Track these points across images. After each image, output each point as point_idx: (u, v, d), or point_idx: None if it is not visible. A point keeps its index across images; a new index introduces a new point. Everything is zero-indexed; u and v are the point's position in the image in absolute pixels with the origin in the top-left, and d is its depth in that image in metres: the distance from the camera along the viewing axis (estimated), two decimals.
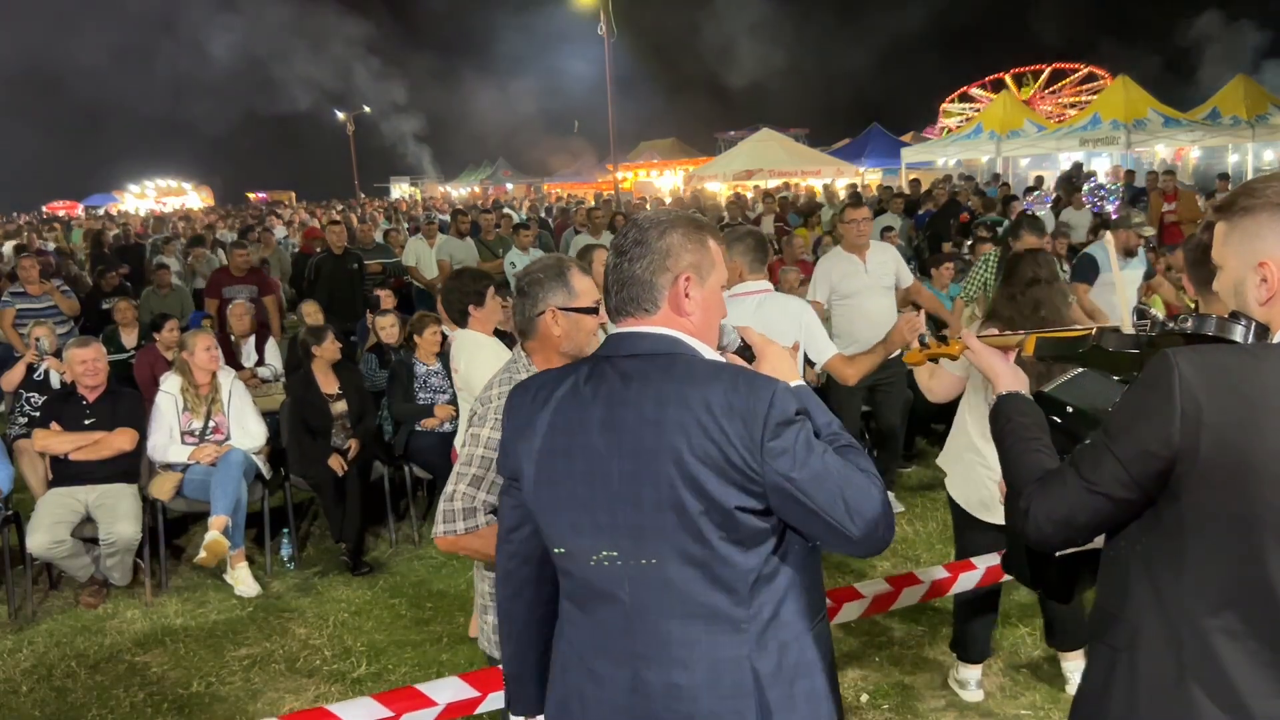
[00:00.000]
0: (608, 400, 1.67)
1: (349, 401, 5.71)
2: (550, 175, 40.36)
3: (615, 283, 1.75)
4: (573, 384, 1.73)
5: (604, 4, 25.67)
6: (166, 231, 16.94)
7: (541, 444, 1.73)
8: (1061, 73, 31.88)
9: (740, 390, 1.59)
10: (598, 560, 1.69)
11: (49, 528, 4.77)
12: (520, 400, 1.81)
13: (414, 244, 10.29)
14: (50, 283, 8.21)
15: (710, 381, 1.61)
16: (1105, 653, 1.69)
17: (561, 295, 2.40)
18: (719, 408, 1.58)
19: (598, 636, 1.72)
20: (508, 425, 1.82)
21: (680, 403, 1.60)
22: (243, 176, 57.64)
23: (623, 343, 1.73)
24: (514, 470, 1.80)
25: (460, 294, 4.13)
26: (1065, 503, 1.64)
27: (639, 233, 1.75)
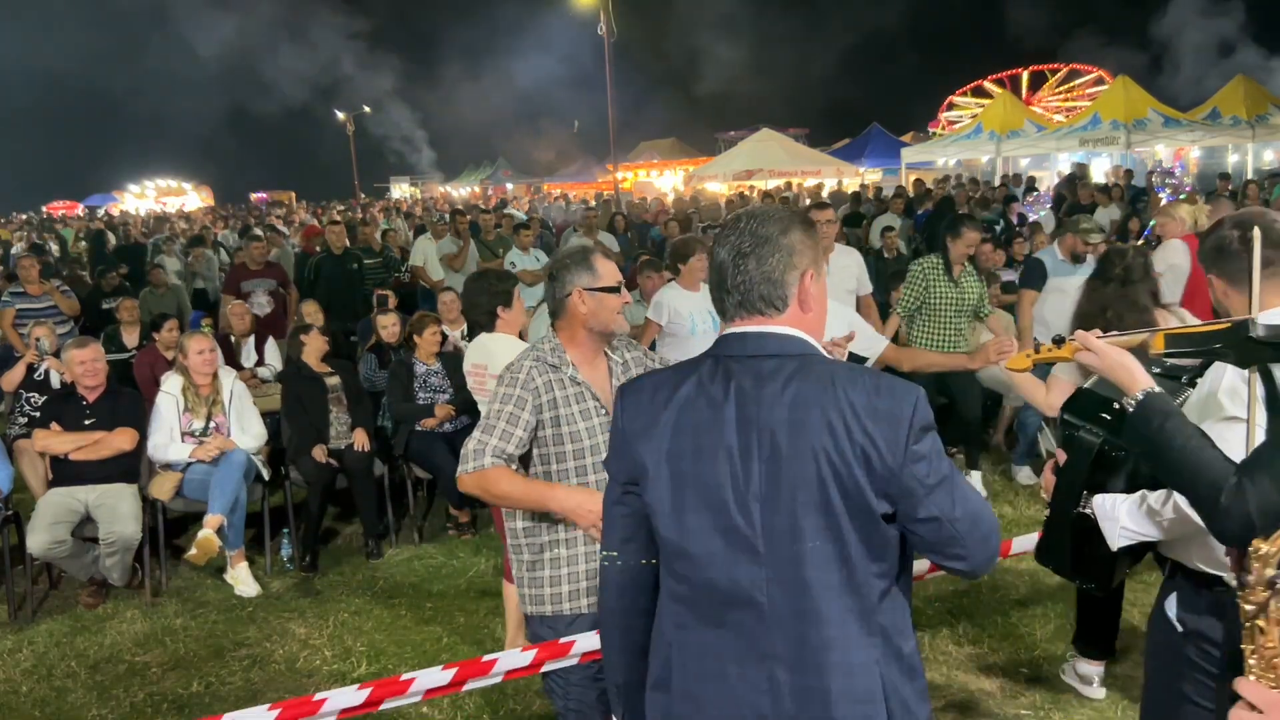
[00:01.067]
0: (740, 400, 1.64)
1: (344, 381, 5.83)
2: (550, 175, 40.34)
3: (738, 282, 1.70)
4: (697, 383, 1.70)
5: (604, 4, 25.67)
6: (165, 232, 16.92)
7: (670, 445, 1.69)
8: (1041, 75, 31.93)
9: (884, 394, 1.59)
10: (732, 563, 1.65)
11: (49, 528, 4.77)
12: (637, 399, 1.76)
13: (421, 243, 10.20)
14: (50, 283, 8.20)
15: (852, 384, 1.60)
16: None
17: (586, 277, 2.65)
18: (863, 410, 1.57)
19: (725, 641, 1.68)
20: (626, 426, 1.77)
21: (822, 404, 1.59)
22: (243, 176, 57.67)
23: (748, 343, 1.69)
24: (634, 472, 1.75)
25: (490, 295, 4.01)
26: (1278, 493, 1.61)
27: (760, 228, 1.71)
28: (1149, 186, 16.38)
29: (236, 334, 7.21)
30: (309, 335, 5.94)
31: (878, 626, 1.63)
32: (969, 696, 3.78)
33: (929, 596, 4.56)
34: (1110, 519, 2.17)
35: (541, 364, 2.60)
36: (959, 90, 33.33)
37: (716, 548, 1.65)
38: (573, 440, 2.58)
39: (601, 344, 2.70)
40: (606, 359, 2.75)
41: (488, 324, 4.03)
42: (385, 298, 7.93)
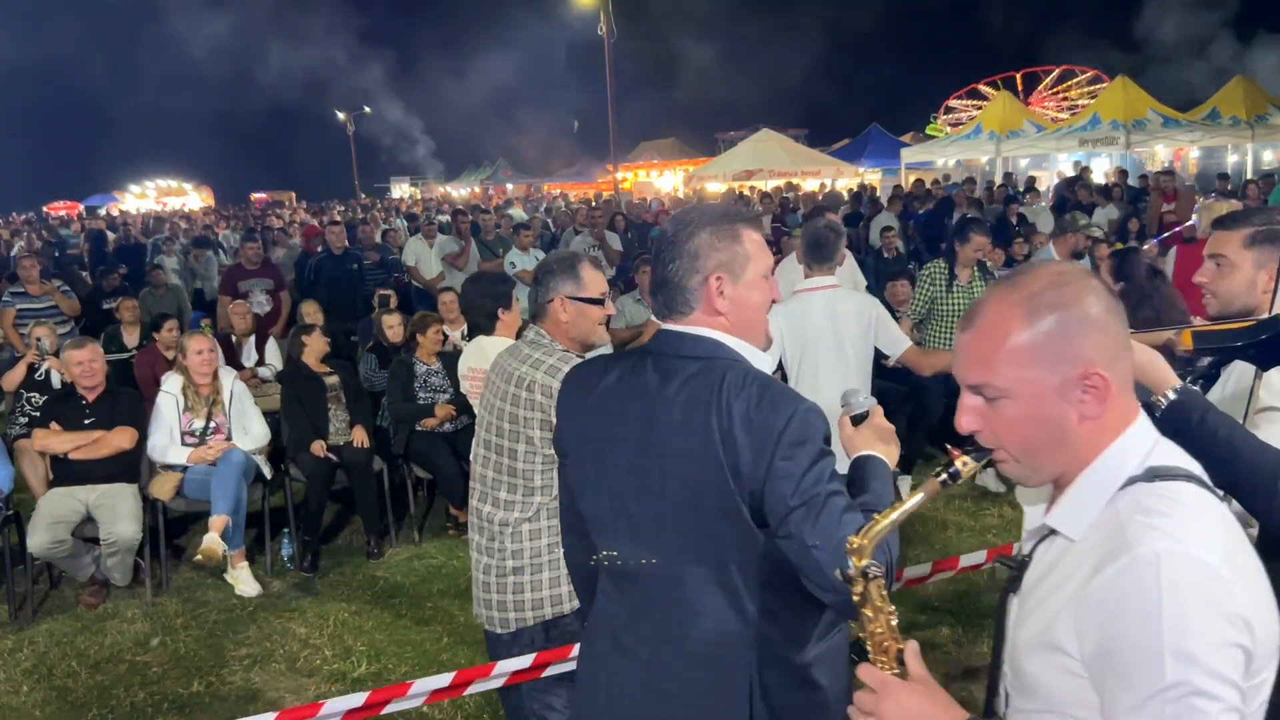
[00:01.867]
0: (645, 395, 1.72)
1: (343, 381, 5.86)
2: (550, 175, 40.34)
3: (654, 285, 1.79)
4: (619, 374, 1.79)
5: (604, 4, 25.67)
6: (165, 232, 16.92)
7: (584, 428, 1.81)
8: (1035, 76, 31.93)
9: (763, 405, 1.61)
10: (624, 544, 1.76)
11: (49, 528, 4.77)
12: (571, 384, 1.90)
13: (414, 244, 10.29)
14: (50, 283, 8.21)
15: (737, 392, 1.63)
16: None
17: (570, 285, 2.63)
18: (739, 419, 1.61)
19: (625, 611, 1.79)
20: (560, 405, 1.91)
21: (707, 409, 1.63)
22: (243, 177, 57.66)
23: (667, 341, 1.77)
24: (562, 448, 1.91)
25: (492, 296, 3.96)
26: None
27: (670, 234, 1.78)
28: (1149, 187, 16.37)
29: (238, 333, 7.22)
30: (310, 336, 5.95)
31: (755, 632, 1.66)
32: (969, 696, 3.78)
33: (929, 596, 4.56)
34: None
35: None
36: (954, 94, 33.32)
37: (619, 528, 1.76)
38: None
39: (581, 350, 2.68)
40: None
41: (487, 326, 3.98)
42: (387, 298, 7.94)
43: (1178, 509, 1.15)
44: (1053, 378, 1.21)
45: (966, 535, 5.40)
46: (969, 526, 5.52)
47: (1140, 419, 1.27)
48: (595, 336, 2.65)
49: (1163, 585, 1.07)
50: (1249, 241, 2.21)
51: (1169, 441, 1.28)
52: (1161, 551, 1.09)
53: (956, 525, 5.56)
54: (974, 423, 1.28)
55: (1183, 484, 1.19)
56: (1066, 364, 1.21)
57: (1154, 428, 1.28)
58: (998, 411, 1.25)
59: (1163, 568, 1.08)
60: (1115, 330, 1.23)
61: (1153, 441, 1.25)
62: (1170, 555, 1.09)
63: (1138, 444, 1.24)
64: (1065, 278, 1.25)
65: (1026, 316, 1.22)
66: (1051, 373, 1.21)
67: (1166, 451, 1.25)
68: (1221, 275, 2.25)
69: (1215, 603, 1.07)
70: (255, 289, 8.34)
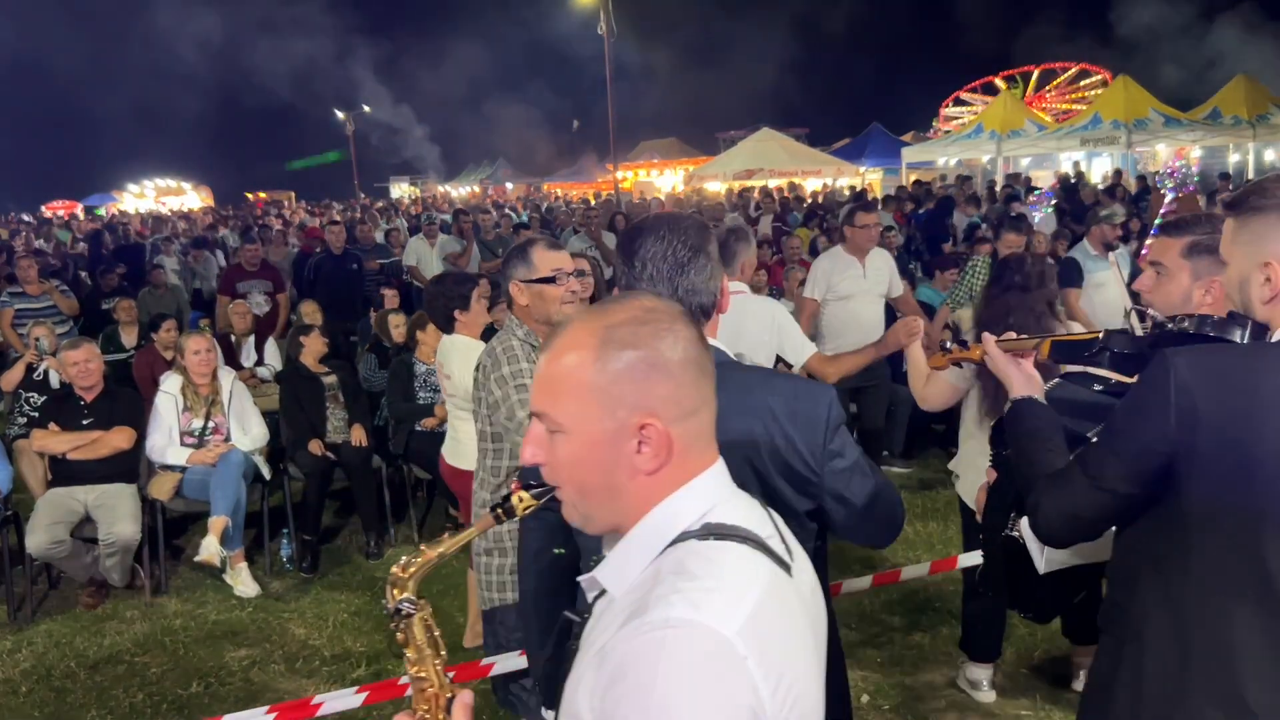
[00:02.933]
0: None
1: (341, 380, 5.86)
2: (550, 175, 40.33)
3: (684, 294, 1.78)
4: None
5: (604, 4, 25.68)
6: (165, 231, 16.91)
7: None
8: (1051, 72, 31.84)
9: (801, 398, 1.68)
10: None
11: (48, 528, 4.76)
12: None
13: (414, 244, 10.31)
14: (50, 282, 8.20)
15: (770, 390, 1.68)
16: (1111, 644, 1.73)
17: (521, 270, 2.67)
18: (783, 415, 1.65)
19: None
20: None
21: (742, 411, 1.63)
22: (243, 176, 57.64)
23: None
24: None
25: (445, 298, 4.09)
26: (1072, 499, 1.68)
27: (696, 240, 1.79)
28: (1151, 186, 16.37)
29: (237, 333, 7.21)
30: (309, 336, 5.93)
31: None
32: (969, 696, 3.78)
33: (929, 597, 4.55)
34: (1035, 539, 2.10)
35: (525, 343, 2.64)
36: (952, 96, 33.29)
37: None
38: None
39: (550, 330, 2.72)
40: None
41: (445, 326, 4.12)
42: (382, 298, 7.93)
43: (713, 571, 1.05)
44: (609, 421, 1.10)
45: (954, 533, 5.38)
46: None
47: (710, 473, 1.17)
48: (559, 315, 2.63)
49: (662, 658, 0.97)
50: (1188, 251, 2.12)
51: (742, 498, 1.19)
52: (673, 619, 1.00)
53: (958, 525, 5.54)
54: (536, 455, 1.17)
55: (733, 545, 1.10)
56: (625, 409, 1.10)
57: (726, 483, 1.18)
58: (555, 446, 1.14)
59: (668, 638, 0.99)
60: (691, 381, 1.13)
61: (718, 498, 1.15)
62: (681, 625, 0.99)
63: (699, 499, 1.14)
64: (649, 315, 1.14)
65: (596, 349, 1.11)
66: (609, 415, 1.10)
67: (732, 509, 1.15)
68: (1159, 284, 2.17)
69: (715, 682, 0.97)
70: (254, 290, 8.33)
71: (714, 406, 1.18)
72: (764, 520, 1.18)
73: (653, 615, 1.01)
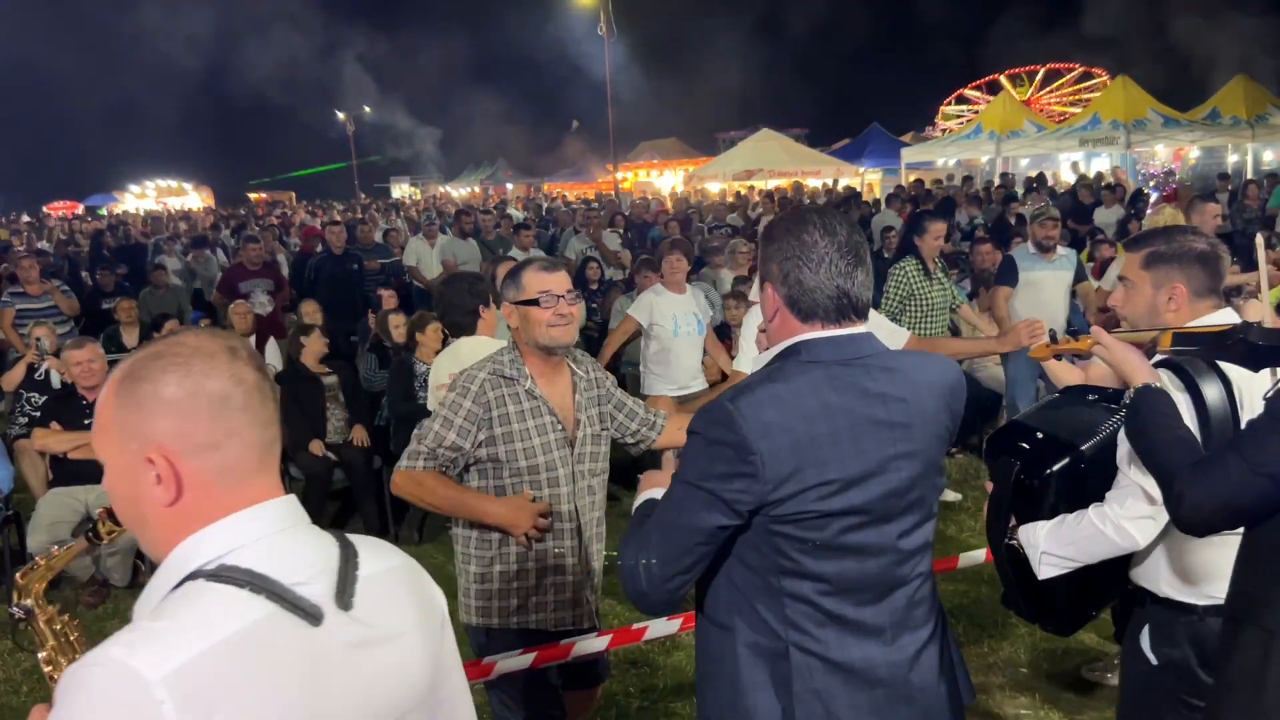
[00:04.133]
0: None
1: (341, 381, 5.88)
2: (550, 175, 40.35)
3: (862, 290, 1.77)
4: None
5: (604, 4, 25.70)
6: (165, 231, 16.93)
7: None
8: (1056, 73, 31.85)
9: (948, 371, 1.83)
10: None
11: (49, 527, 4.77)
12: None
13: (414, 244, 10.30)
14: (50, 282, 8.22)
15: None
16: (1259, 635, 1.72)
17: (511, 291, 2.60)
18: (947, 391, 1.80)
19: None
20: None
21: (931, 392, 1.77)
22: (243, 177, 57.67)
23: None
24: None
25: (470, 295, 3.93)
26: (1227, 485, 1.67)
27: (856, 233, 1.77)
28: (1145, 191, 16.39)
29: (239, 333, 7.22)
30: (309, 337, 5.94)
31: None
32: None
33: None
34: (1033, 546, 2.14)
35: (496, 376, 2.55)
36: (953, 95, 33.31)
37: None
38: (526, 456, 2.53)
39: (551, 356, 2.61)
40: (570, 372, 2.68)
41: (469, 325, 3.96)
42: (379, 299, 7.93)
43: (176, 613, 1.05)
44: (124, 454, 1.15)
45: (967, 535, 5.40)
46: (969, 527, 5.52)
47: (250, 511, 1.14)
48: (544, 339, 2.54)
49: (77, 694, 0.98)
50: (1146, 262, 2.21)
51: (307, 539, 1.17)
52: (102, 657, 1.00)
53: (958, 525, 5.56)
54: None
55: (224, 588, 1.07)
56: (136, 442, 1.13)
57: (273, 522, 1.15)
58: (104, 477, 1.19)
59: (89, 675, 0.99)
60: (206, 416, 1.12)
61: (252, 537, 1.12)
62: (105, 663, 0.99)
63: (222, 538, 1.12)
64: (168, 350, 1.14)
65: (116, 383, 1.16)
66: (123, 448, 1.15)
67: (268, 551, 1.12)
68: (1126, 296, 2.26)
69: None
70: (256, 289, 8.34)
71: (258, 441, 1.16)
72: (320, 569, 1.14)
73: (94, 651, 1.03)
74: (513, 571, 2.58)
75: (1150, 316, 2.22)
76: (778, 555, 1.62)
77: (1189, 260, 2.16)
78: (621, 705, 3.75)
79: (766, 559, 1.63)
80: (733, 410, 1.59)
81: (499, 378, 2.55)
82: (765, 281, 1.74)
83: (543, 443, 2.53)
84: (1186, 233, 2.23)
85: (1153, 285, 2.20)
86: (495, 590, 2.59)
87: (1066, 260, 6.35)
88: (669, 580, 1.66)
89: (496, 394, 2.52)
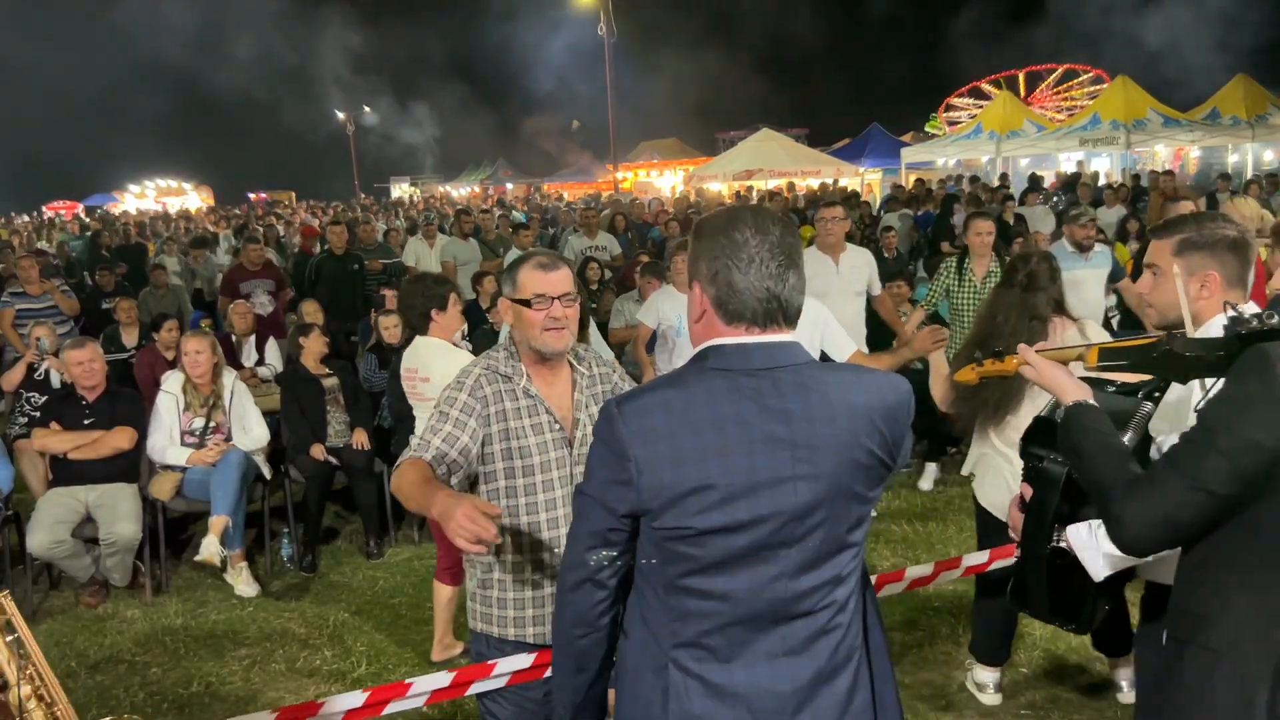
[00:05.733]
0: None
1: (342, 381, 5.84)
2: (550, 175, 40.35)
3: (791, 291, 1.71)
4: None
5: (604, 4, 25.70)
6: (165, 232, 16.93)
7: None
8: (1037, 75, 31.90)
9: (887, 391, 1.75)
10: None
11: (49, 528, 4.77)
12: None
13: (414, 244, 10.32)
14: (50, 282, 8.21)
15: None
16: (1205, 655, 1.70)
17: (509, 287, 2.52)
18: (879, 413, 1.74)
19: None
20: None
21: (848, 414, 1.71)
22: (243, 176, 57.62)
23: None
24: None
25: (423, 297, 4.02)
26: (1165, 503, 1.64)
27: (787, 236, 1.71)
28: (1149, 187, 16.38)
29: (239, 333, 7.22)
30: (308, 337, 5.93)
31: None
32: (969, 696, 3.78)
33: (929, 596, 4.56)
34: (1090, 548, 2.09)
35: (492, 372, 2.46)
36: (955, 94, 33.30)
37: None
38: (522, 456, 2.43)
39: (535, 355, 2.51)
40: (571, 370, 2.59)
41: (420, 326, 4.04)
42: (382, 298, 7.92)
43: None
44: None
45: (968, 535, 5.39)
46: (969, 527, 5.51)
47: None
48: (538, 342, 2.45)
49: None
50: (1178, 249, 2.15)
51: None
52: None
53: (958, 525, 5.55)
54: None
55: None
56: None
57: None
58: None
59: None
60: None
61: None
62: None
63: None
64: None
65: None
66: None
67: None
68: (1156, 285, 2.20)
69: None
70: (257, 290, 8.33)
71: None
72: None
73: None
74: (510, 581, 2.49)
75: (1179, 305, 2.16)
76: (666, 567, 1.59)
77: (1221, 248, 2.11)
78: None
79: (656, 570, 1.60)
80: (616, 414, 1.55)
81: (494, 374, 2.47)
82: (694, 280, 1.68)
83: (539, 442, 2.45)
84: (1217, 219, 2.18)
85: (1185, 273, 2.14)
86: (495, 599, 2.51)
87: (1103, 257, 6.47)
88: (578, 588, 1.65)
89: (493, 389, 2.44)
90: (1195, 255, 2.12)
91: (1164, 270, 2.18)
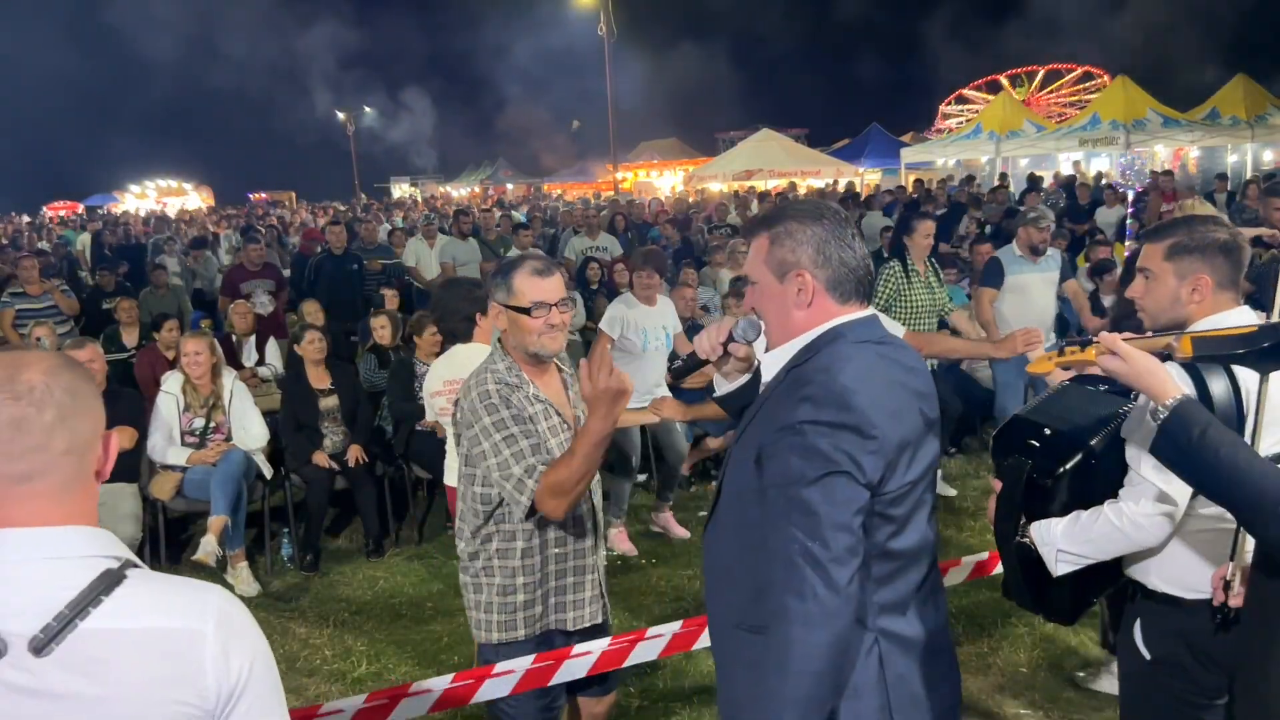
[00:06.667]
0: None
1: (341, 398, 5.72)
2: (551, 175, 40.35)
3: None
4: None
5: (604, 4, 25.70)
6: (165, 232, 16.93)
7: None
8: (1057, 73, 31.83)
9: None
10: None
11: None
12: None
13: (414, 244, 10.31)
14: (51, 282, 8.21)
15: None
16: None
17: (502, 293, 2.49)
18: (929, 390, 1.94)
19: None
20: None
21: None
22: (243, 176, 57.66)
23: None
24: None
25: (467, 301, 3.85)
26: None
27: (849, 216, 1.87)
28: (1149, 187, 16.38)
29: (239, 333, 7.22)
30: (305, 342, 5.76)
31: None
32: (969, 696, 3.78)
33: None
34: (1048, 544, 2.13)
35: (503, 384, 2.45)
36: (957, 91, 33.30)
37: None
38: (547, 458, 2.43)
39: (529, 361, 2.52)
40: (559, 370, 2.64)
41: (465, 332, 3.87)
42: (382, 297, 7.92)
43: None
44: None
45: (967, 535, 5.40)
46: (969, 527, 5.53)
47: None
48: (534, 346, 2.46)
49: None
50: (1169, 253, 2.15)
51: (4, 570, 1.16)
52: None
53: (958, 524, 5.56)
54: None
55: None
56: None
57: (13, 555, 1.17)
58: None
59: None
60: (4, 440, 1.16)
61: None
62: None
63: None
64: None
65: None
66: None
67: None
68: (1148, 288, 2.20)
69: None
70: (258, 290, 8.33)
71: (8, 474, 1.17)
72: (34, 610, 1.14)
73: None
74: (538, 579, 2.54)
75: (1172, 309, 2.16)
76: (872, 536, 1.65)
77: (1213, 251, 2.11)
78: (623, 705, 3.76)
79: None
80: (844, 390, 1.61)
81: (505, 384, 2.45)
82: (793, 270, 1.74)
83: (557, 443, 2.47)
84: (1208, 222, 2.18)
85: (1176, 276, 2.14)
86: (521, 602, 2.54)
87: (1052, 260, 6.15)
88: (840, 638, 1.56)
89: (516, 398, 2.44)
90: (1187, 259, 2.13)
91: (1156, 273, 2.18)
